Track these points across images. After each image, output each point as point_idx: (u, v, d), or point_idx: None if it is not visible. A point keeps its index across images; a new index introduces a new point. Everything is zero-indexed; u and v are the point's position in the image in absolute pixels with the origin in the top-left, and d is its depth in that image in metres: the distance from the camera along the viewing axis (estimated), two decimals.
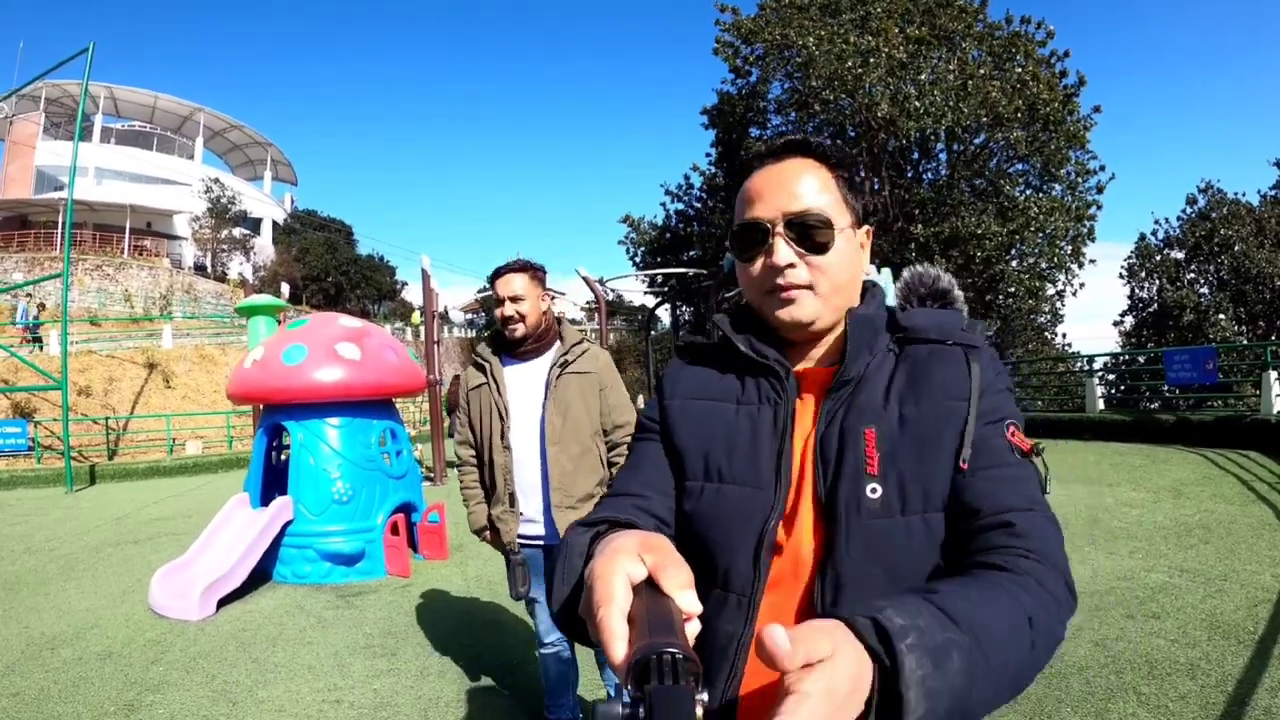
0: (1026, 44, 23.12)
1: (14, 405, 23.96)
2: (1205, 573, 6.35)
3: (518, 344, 3.59)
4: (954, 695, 0.77)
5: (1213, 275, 30.63)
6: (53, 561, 9.33)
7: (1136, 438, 15.54)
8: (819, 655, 0.69)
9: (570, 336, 3.69)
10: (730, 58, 25.37)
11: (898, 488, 1.13)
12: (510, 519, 3.57)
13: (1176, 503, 9.26)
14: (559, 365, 3.56)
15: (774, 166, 1.28)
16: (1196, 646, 4.79)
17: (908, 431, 1.16)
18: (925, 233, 22.58)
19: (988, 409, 1.16)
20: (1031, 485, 1.14)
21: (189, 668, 5.39)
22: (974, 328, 1.28)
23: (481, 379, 3.68)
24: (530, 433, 3.55)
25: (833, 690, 0.68)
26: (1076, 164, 23.72)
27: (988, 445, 1.14)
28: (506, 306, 3.52)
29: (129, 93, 54.57)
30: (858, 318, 1.24)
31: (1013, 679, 0.89)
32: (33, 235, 45.03)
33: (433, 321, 16.83)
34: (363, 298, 59.66)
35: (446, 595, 7.05)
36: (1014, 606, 0.92)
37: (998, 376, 1.21)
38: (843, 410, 1.20)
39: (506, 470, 3.56)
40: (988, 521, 1.08)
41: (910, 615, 0.80)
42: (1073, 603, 1.04)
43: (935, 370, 1.20)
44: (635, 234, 31.22)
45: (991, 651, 0.84)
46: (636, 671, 0.62)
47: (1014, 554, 1.03)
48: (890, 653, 0.75)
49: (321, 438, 7.94)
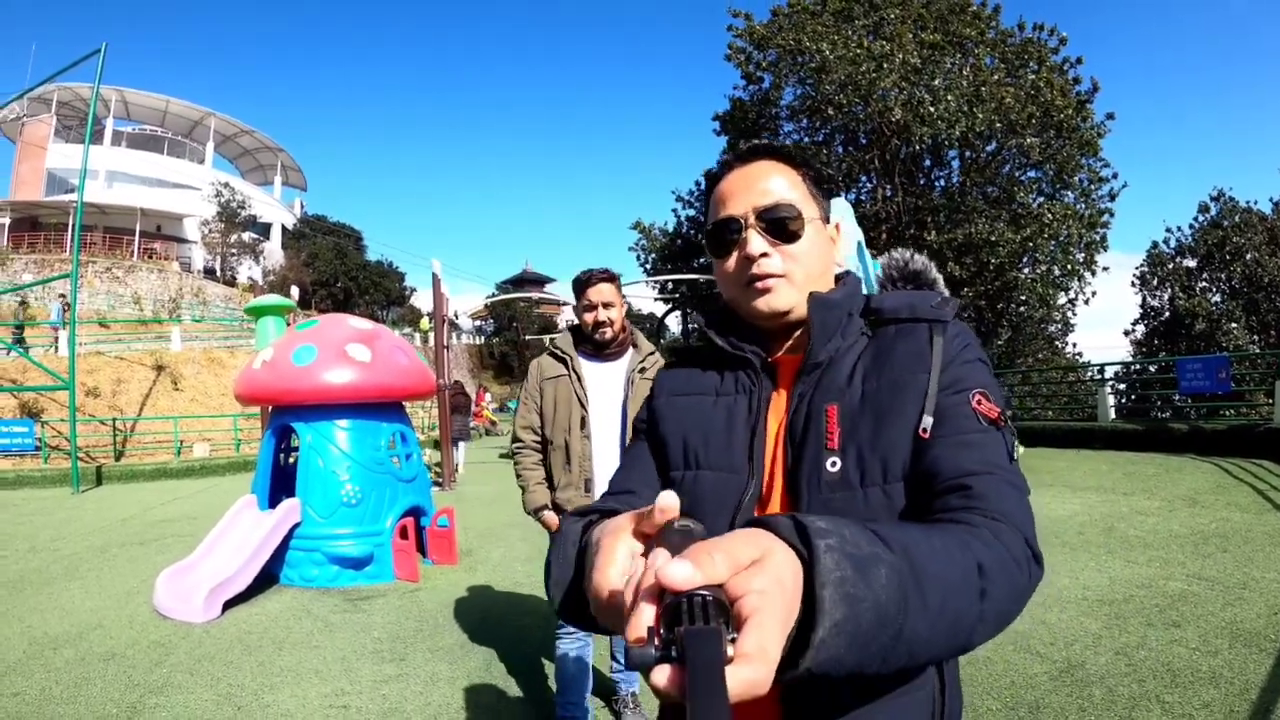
0: (1040, 50, 23.08)
1: (21, 405, 23.97)
2: (1224, 581, 6.29)
3: (604, 345, 3.84)
4: (879, 611, 0.73)
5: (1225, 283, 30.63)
6: (57, 561, 9.25)
7: (1149, 447, 15.54)
8: (747, 559, 0.67)
9: (644, 345, 3.98)
10: (743, 63, 25.39)
11: (856, 460, 1.14)
12: (583, 502, 3.63)
13: (1191, 511, 9.19)
14: (638, 370, 3.84)
15: (743, 169, 1.33)
16: (1218, 655, 4.73)
17: (867, 405, 1.17)
18: (938, 240, 22.49)
19: (953, 379, 1.16)
20: (995, 450, 1.11)
21: (193, 670, 5.30)
22: (946, 304, 1.28)
23: (561, 370, 3.90)
24: (607, 426, 3.80)
25: (781, 580, 0.66)
26: (1089, 171, 23.61)
27: (951, 413, 1.13)
28: (600, 312, 3.78)
29: (140, 96, 54.73)
30: (818, 300, 1.26)
31: (953, 624, 0.84)
32: (43, 237, 45.14)
33: (442, 326, 16.78)
34: (371, 303, 59.80)
35: (455, 600, 6.94)
36: (961, 550, 0.89)
37: (965, 349, 1.21)
38: (811, 391, 1.23)
39: (585, 457, 3.78)
40: (946, 485, 1.06)
41: (835, 524, 0.77)
42: (1037, 568, 1.02)
43: (898, 346, 1.22)
44: (646, 240, 31.11)
45: (928, 584, 0.80)
46: (669, 615, 0.61)
47: (969, 513, 1.01)
48: (808, 548, 0.72)
49: (330, 440, 7.85)
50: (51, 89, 46.54)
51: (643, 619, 0.64)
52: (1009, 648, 4.99)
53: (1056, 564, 7.08)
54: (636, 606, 0.66)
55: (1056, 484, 11.99)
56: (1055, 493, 11.16)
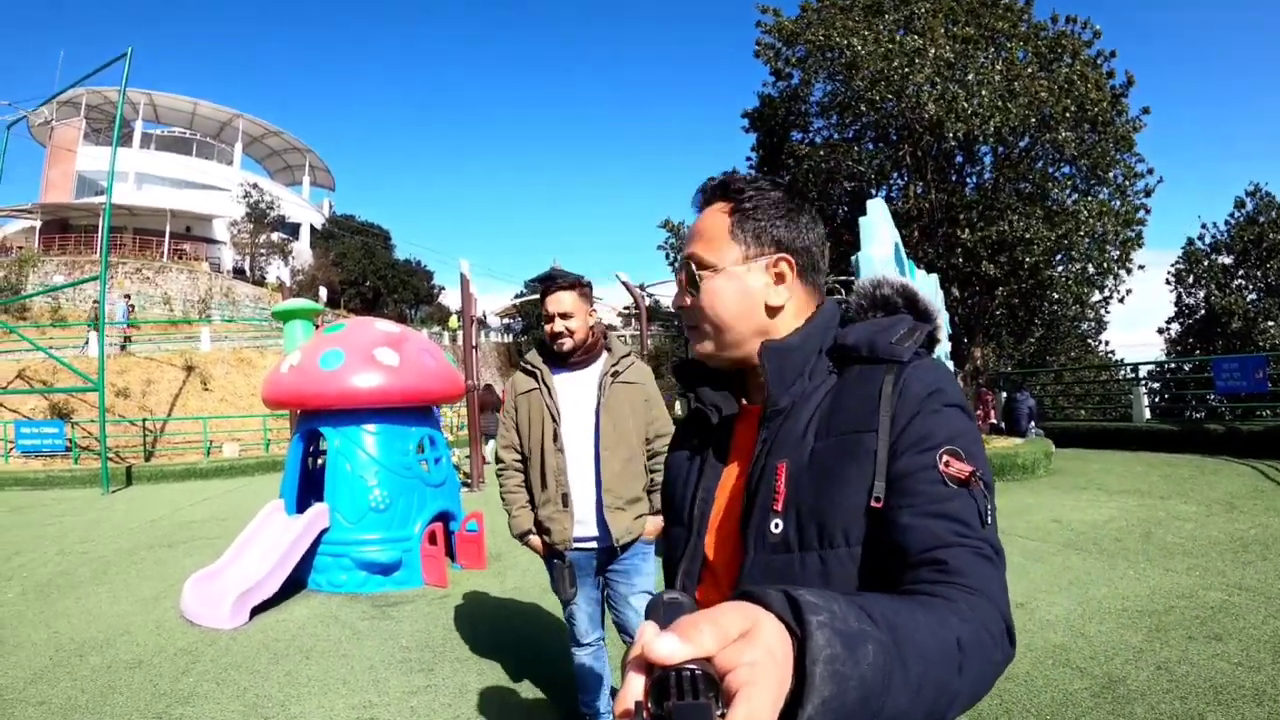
0: (1073, 43, 22.76)
1: (52, 406, 24.22)
2: (1265, 591, 6.10)
3: (565, 356, 3.70)
4: (864, 688, 0.71)
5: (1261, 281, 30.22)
6: (85, 564, 9.25)
7: (1184, 448, 15.37)
8: (736, 631, 0.65)
9: (617, 349, 3.83)
10: (771, 60, 25.26)
11: (795, 523, 1.15)
12: (564, 518, 3.66)
13: (1230, 516, 8.97)
14: (610, 374, 3.71)
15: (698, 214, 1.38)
16: (1262, 670, 4.56)
17: (813, 466, 1.16)
18: (971, 238, 22.26)
19: (917, 436, 1.11)
20: (967, 516, 1.06)
21: (220, 679, 5.24)
22: (908, 336, 1.22)
23: (532, 384, 3.78)
24: (581, 437, 3.68)
25: (772, 652, 0.65)
26: (1124, 167, 23.27)
27: (917, 478, 1.09)
28: (556, 323, 3.64)
29: (168, 99, 55.18)
30: (769, 348, 1.25)
31: (933, 699, 0.82)
32: (73, 239, 45.50)
33: (471, 326, 16.74)
34: (400, 302, 60.00)
35: (485, 606, 6.86)
36: (941, 625, 0.88)
37: (931, 395, 1.14)
38: (771, 441, 1.22)
39: (559, 471, 3.65)
40: (918, 559, 1.03)
41: (825, 599, 0.75)
42: (1009, 648, 0.98)
43: (853, 393, 1.19)
44: (675, 239, 30.99)
45: (911, 659, 0.79)
46: (658, 689, 0.61)
47: (945, 586, 0.98)
48: (800, 624, 0.70)
49: (359, 444, 7.79)
50: (80, 93, 47.02)
51: (631, 692, 0.63)
52: (1049, 663, 4.83)
53: (1094, 572, 6.92)
54: (625, 680, 0.64)
55: (1091, 487, 11.76)
56: (1090, 496, 10.94)
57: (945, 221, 23.59)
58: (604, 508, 3.62)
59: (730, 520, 1.27)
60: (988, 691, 0.94)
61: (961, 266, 22.55)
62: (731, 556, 1.25)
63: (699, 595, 1.30)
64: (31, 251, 42.31)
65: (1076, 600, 6.13)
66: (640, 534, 3.70)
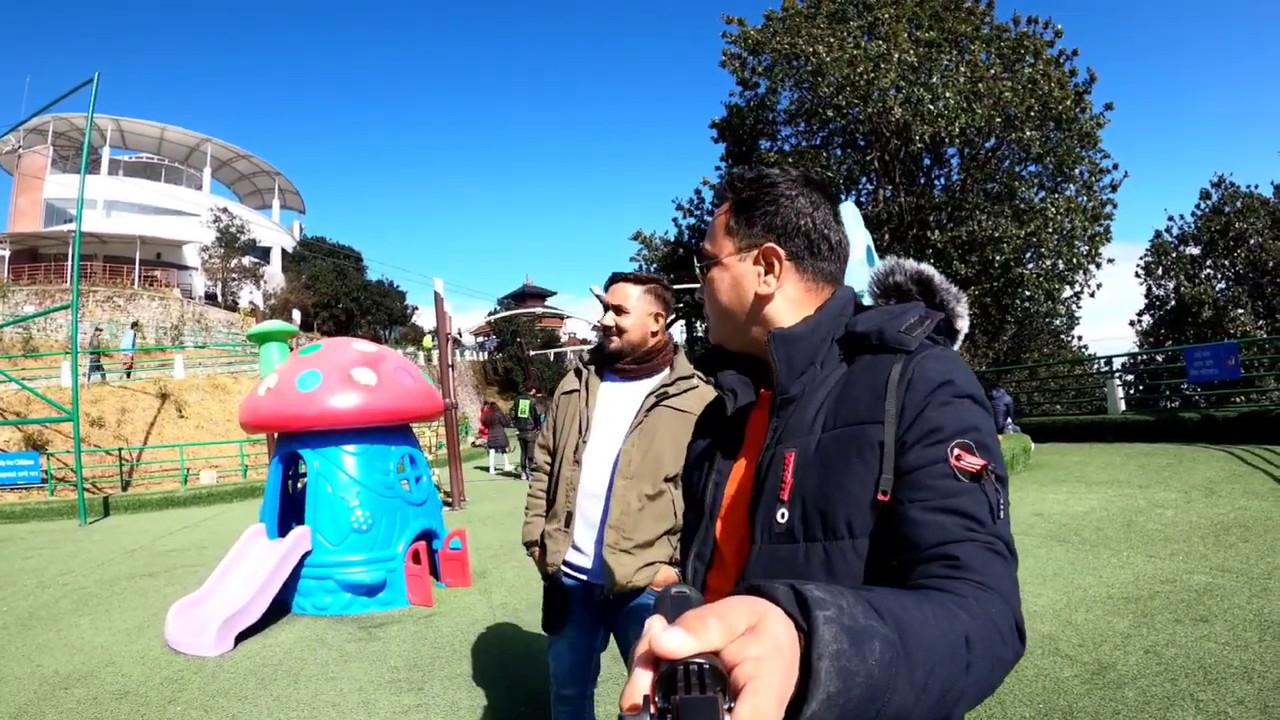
0: (1035, 43, 23.04)
1: (26, 438, 23.90)
2: (1248, 572, 6.23)
3: (615, 358, 3.23)
4: (870, 685, 0.71)
5: (1229, 270, 30.57)
6: (66, 596, 9.14)
7: (1160, 438, 15.63)
8: (743, 625, 0.65)
9: (681, 367, 3.24)
10: (738, 70, 25.39)
11: (801, 513, 1.15)
12: (561, 539, 3.19)
13: (1209, 501, 9.14)
14: (656, 394, 3.13)
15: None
16: (1249, 648, 4.66)
17: (819, 456, 1.17)
18: (941, 238, 22.45)
19: (928, 428, 1.10)
20: (979, 511, 1.05)
21: (208, 707, 5.19)
22: (918, 325, 1.23)
23: (575, 385, 3.37)
24: (606, 457, 3.17)
25: (780, 646, 0.65)
26: (1090, 163, 23.56)
27: (928, 472, 1.08)
28: (608, 316, 3.19)
29: (136, 125, 54.81)
30: (776, 336, 1.26)
31: (938, 697, 0.82)
32: (43, 268, 45.01)
33: (446, 344, 16.70)
34: (373, 323, 59.68)
35: (472, 624, 6.83)
36: (950, 622, 0.87)
37: (942, 385, 1.13)
38: (781, 430, 1.23)
39: (571, 487, 3.19)
40: (929, 554, 1.03)
41: (833, 594, 0.75)
42: (1020, 644, 0.98)
43: (861, 382, 1.19)
44: (647, 250, 30.99)
45: (918, 657, 0.78)
46: (665, 683, 0.61)
47: (956, 582, 0.98)
48: (807, 619, 0.70)
49: (339, 465, 7.75)
50: (47, 120, 46.60)
51: (638, 686, 0.63)
52: (1038, 652, 4.90)
53: (1078, 562, 7.03)
54: (632, 674, 0.65)
55: (1070, 479, 11.89)
56: (1070, 488, 11.06)
57: (915, 224, 23.75)
58: (604, 545, 3.06)
59: (740, 508, 1.28)
60: (996, 688, 0.94)
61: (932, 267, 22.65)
62: (740, 544, 1.26)
63: (709, 581, 1.33)
64: (0, 281, 41.86)
65: (1062, 590, 6.20)
66: (645, 586, 3.04)
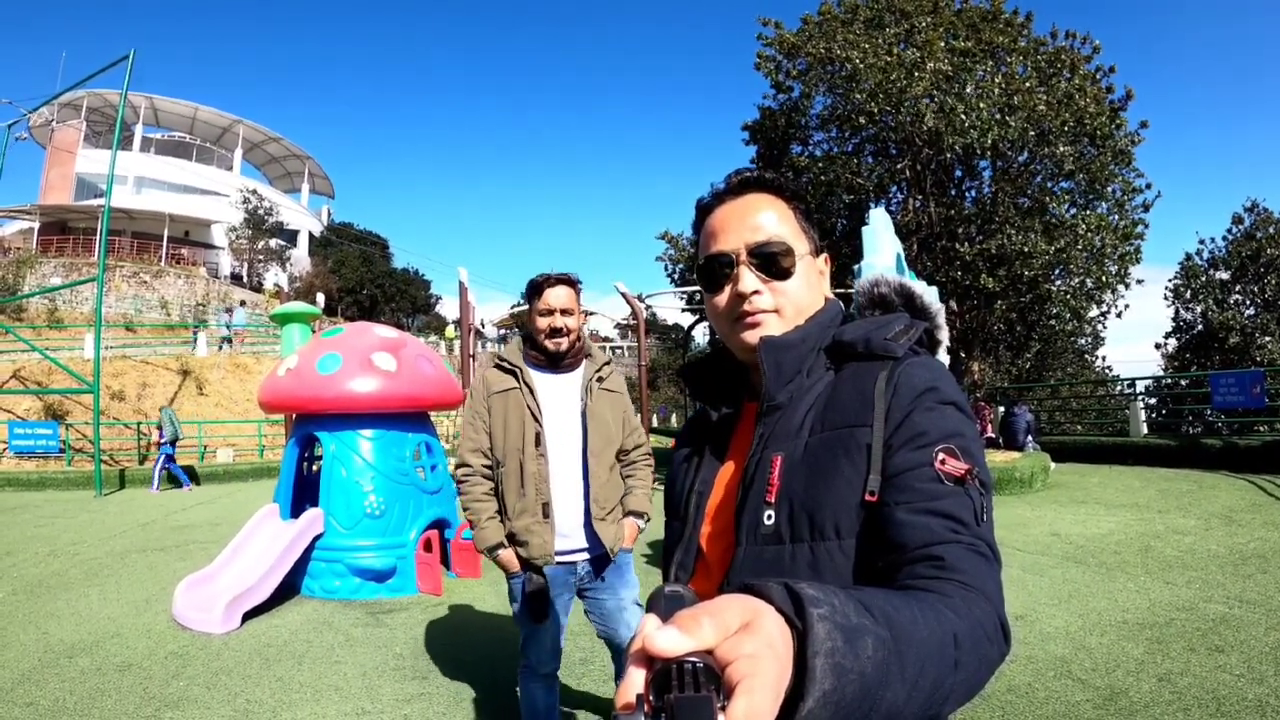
0: (1072, 58, 22.76)
1: (46, 407, 24.14)
2: (1265, 603, 6.11)
3: (559, 356, 3.50)
4: (863, 682, 0.72)
5: (1259, 296, 30.20)
6: (76, 566, 9.19)
7: (1182, 463, 15.48)
8: (736, 624, 0.65)
9: (598, 355, 3.70)
10: (772, 72, 25.27)
11: (787, 514, 1.16)
12: (544, 530, 3.37)
13: (1229, 530, 9.00)
14: (595, 380, 3.56)
15: (734, 202, 1.34)
16: (1264, 682, 4.55)
17: (806, 458, 1.18)
18: (970, 251, 22.22)
19: (913, 432, 1.12)
20: (963, 514, 1.06)
21: (210, 684, 5.18)
22: (904, 333, 1.25)
23: (510, 383, 3.50)
24: (563, 443, 3.47)
25: (774, 644, 0.64)
26: (1123, 181, 23.26)
27: (913, 475, 1.10)
28: (557, 318, 3.43)
29: (169, 103, 55.24)
30: (769, 343, 1.26)
31: (929, 694, 0.82)
32: (72, 241, 45.40)
33: (469, 335, 16.71)
34: (397, 311, 59.93)
35: (480, 615, 6.81)
36: (938, 620, 0.88)
37: (927, 391, 1.15)
38: (768, 435, 1.24)
39: (541, 479, 3.39)
40: (914, 555, 1.04)
41: (825, 592, 0.75)
42: (1005, 645, 0.99)
43: (848, 388, 1.21)
44: (674, 250, 30.93)
45: (908, 654, 0.79)
46: (658, 681, 0.61)
47: (942, 582, 0.99)
48: (801, 617, 0.70)
49: (355, 449, 7.74)
50: (81, 95, 47.04)
51: (632, 685, 0.63)
52: (1050, 675, 4.81)
53: (1094, 585, 6.92)
54: (626, 672, 0.64)
55: (1089, 501, 11.76)
56: (1089, 510, 10.93)
57: (944, 235, 23.56)
58: (593, 519, 3.39)
59: (725, 513, 1.28)
60: (983, 687, 0.93)
61: (960, 280, 22.50)
62: (725, 550, 1.26)
63: (692, 587, 1.29)
64: (29, 252, 42.25)
65: (1077, 613, 6.10)
66: (624, 540, 3.49)
